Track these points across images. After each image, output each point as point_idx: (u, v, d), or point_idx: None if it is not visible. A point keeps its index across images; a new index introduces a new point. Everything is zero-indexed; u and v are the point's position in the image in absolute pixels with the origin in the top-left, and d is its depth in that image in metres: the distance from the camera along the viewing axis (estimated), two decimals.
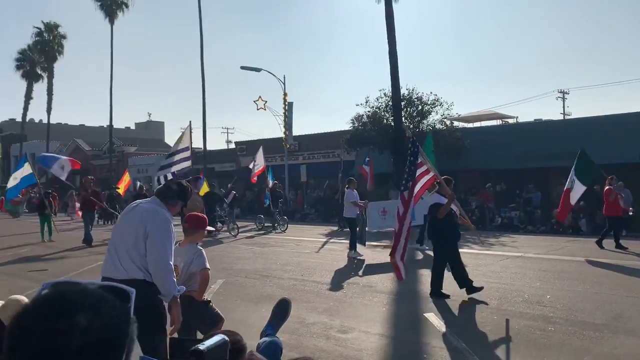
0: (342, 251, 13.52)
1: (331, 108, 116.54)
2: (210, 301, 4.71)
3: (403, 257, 7.12)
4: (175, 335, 3.77)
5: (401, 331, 6.22)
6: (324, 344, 5.69)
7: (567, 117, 36.49)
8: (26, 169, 16.44)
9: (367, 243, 13.46)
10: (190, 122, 15.23)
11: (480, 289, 7.72)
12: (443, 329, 6.17)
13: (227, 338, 1.80)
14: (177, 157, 15.32)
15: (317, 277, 9.61)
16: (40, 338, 0.82)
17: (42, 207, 16.51)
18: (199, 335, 4.22)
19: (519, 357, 5.16)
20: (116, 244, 3.73)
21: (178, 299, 3.78)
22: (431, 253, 11.87)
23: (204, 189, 18.03)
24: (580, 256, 11.69)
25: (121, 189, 21.37)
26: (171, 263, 3.69)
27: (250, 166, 19.74)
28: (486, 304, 7.34)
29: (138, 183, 22.47)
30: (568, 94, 42.78)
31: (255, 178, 19.91)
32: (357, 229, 12.58)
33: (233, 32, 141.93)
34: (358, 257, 11.76)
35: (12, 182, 16.79)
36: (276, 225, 19.44)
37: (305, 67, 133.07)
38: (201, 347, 1.82)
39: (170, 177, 14.46)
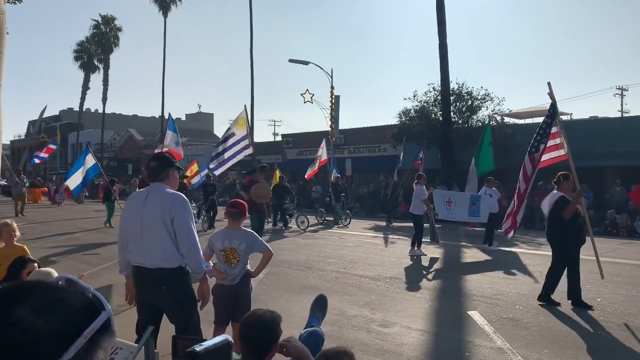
0: (385, 245, 13.47)
1: (378, 102, 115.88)
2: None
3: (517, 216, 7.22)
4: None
5: (443, 328, 6.15)
6: (365, 337, 5.70)
7: (625, 115, 35.01)
8: (89, 161, 16.80)
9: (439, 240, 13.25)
10: (245, 106, 13.59)
11: (590, 307, 6.89)
12: (487, 327, 6.06)
13: (230, 339, 1.79)
14: (237, 147, 13.36)
15: (360, 271, 9.61)
16: None
17: (108, 194, 17.21)
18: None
19: None
20: (141, 233, 3.85)
21: (207, 275, 3.97)
22: (500, 255, 11.74)
23: (275, 180, 18.25)
24: (634, 259, 11.23)
25: (188, 177, 21.80)
26: (199, 241, 3.86)
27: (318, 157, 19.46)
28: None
29: (205, 171, 22.91)
30: (627, 90, 41.17)
31: (317, 169, 19.65)
32: (425, 226, 12.09)
33: (282, 26, 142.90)
34: (421, 255, 11.43)
35: (78, 178, 16.81)
36: (339, 220, 18.87)
37: (353, 61, 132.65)
38: (198, 348, 1.82)
39: (225, 167, 13.46)
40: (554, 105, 7.01)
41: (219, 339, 1.90)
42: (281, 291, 7.90)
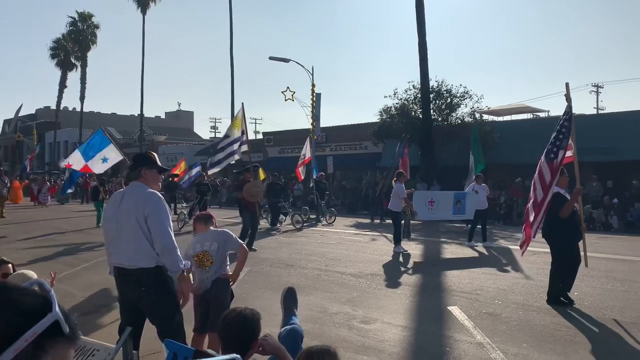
0: (367, 243, 13.52)
1: (359, 100, 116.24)
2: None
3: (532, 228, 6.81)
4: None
5: (424, 324, 6.20)
6: (347, 334, 5.72)
7: (600, 112, 35.62)
8: (110, 152, 16.04)
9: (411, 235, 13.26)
10: (242, 104, 13.54)
11: (572, 302, 6.89)
12: (467, 322, 6.13)
13: (238, 357, 1.79)
14: (234, 146, 13.24)
15: (341, 268, 9.63)
16: None
17: (97, 194, 17.01)
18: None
19: (543, 354, 5.10)
20: (117, 233, 3.82)
21: (185, 273, 3.91)
22: (480, 251, 11.84)
23: (260, 179, 18.16)
24: (610, 254, 11.45)
25: (177, 175, 21.60)
26: (174, 240, 3.81)
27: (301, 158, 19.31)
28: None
29: (196, 169, 22.70)
30: (602, 87, 41.86)
31: (301, 169, 19.54)
32: (402, 222, 12.07)
33: (262, 24, 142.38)
34: (403, 252, 11.46)
35: (65, 176, 16.61)
36: (321, 217, 18.94)
37: (334, 59, 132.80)
38: None
39: (220, 167, 13.36)
40: (570, 107, 6.91)
41: (227, 357, 1.88)
42: (262, 290, 7.88)
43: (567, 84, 7.18)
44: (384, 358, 5.02)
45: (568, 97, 7.11)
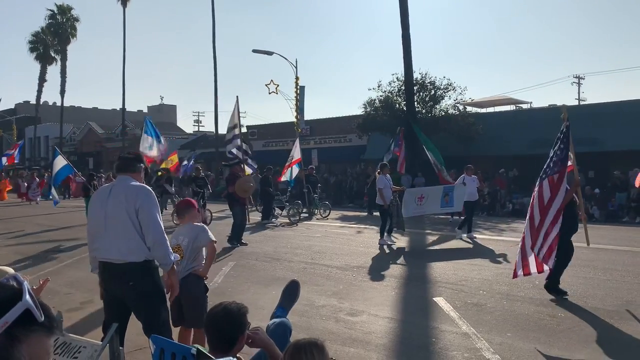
0: (352, 235, 13.56)
1: (344, 92, 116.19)
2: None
3: (540, 251, 6.35)
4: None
5: (410, 315, 6.24)
6: (333, 326, 5.74)
7: (582, 103, 36.05)
8: (59, 162, 15.78)
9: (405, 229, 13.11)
10: (237, 97, 14.07)
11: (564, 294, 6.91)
12: (452, 313, 6.18)
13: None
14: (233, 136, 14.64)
15: (327, 261, 9.65)
16: None
17: (87, 190, 16.79)
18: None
19: (527, 343, 5.17)
20: (105, 226, 3.77)
21: (174, 266, 3.89)
22: (465, 242, 11.88)
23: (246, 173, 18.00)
24: (591, 243, 11.59)
25: (162, 171, 21.34)
26: (165, 233, 3.79)
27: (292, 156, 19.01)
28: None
29: (190, 163, 22.48)
30: (583, 79, 42.30)
31: (288, 170, 19.18)
32: (392, 215, 11.87)
33: (245, 16, 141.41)
34: (389, 244, 11.47)
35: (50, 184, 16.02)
36: (316, 210, 18.62)
37: (317, 52, 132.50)
38: None
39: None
40: (568, 127, 6.98)
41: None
42: (249, 284, 7.87)
43: (564, 106, 7.37)
44: (371, 349, 5.04)
45: (565, 118, 7.27)
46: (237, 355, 2.59)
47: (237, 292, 7.22)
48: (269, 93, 27.28)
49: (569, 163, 7.08)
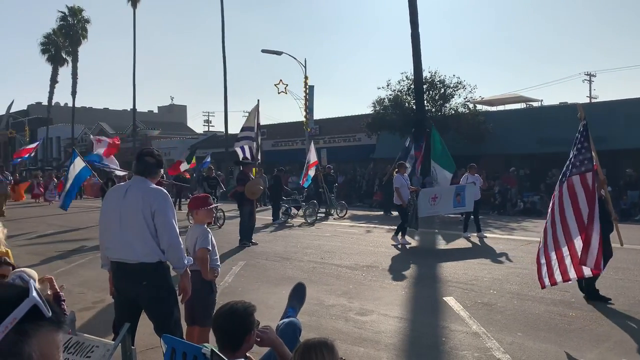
0: (362, 234, 13.56)
1: (352, 91, 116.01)
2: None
3: (585, 256, 5.71)
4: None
5: (420, 314, 6.24)
6: (343, 326, 5.75)
7: (593, 101, 35.74)
8: (78, 164, 15.10)
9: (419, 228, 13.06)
10: (258, 100, 15.14)
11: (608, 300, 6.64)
12: (462, 312, 6.17)
13: None
14: (243, 136, 15.56)
15: (337, 260, 9.66)
16: None
17: (104, 192, 16.79)
18: None
19: (538, 342, 5.15)
20: (120, 226, 3.78)
21: (188, 270, 3.91)
22: (474, 241, 11.81)
23: (254, 174, 18.03)
24: None
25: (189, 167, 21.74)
26: (180, 237, 3.81)
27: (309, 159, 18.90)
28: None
29: (207, 161, 22.67)
30: (595, 76, 41.91)
31: (307, 173, 18.98)
32: (409, 214, 11.83)
33: (255, 17, 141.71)
34: (405, 244, 11.44)
35: (66, 186, 15.33)
36: (332, 211, 18.46)
37: (326, 51, 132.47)
38: None
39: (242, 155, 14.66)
40: (585, 125, 6.80)
41: None
42: (259, 283, 7.90)
43: (579, 104, 7.16)
44: (381, 349, 5.05)
45: (582, 116, 7.08)
46: (247, 354, 2.62)
47: (247, 291, 7.25)
48: (278, 93, 27.37)
49: (594, 163, 6.73)
